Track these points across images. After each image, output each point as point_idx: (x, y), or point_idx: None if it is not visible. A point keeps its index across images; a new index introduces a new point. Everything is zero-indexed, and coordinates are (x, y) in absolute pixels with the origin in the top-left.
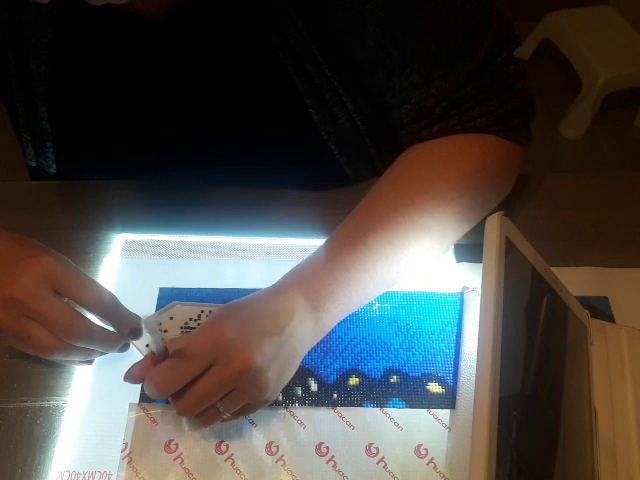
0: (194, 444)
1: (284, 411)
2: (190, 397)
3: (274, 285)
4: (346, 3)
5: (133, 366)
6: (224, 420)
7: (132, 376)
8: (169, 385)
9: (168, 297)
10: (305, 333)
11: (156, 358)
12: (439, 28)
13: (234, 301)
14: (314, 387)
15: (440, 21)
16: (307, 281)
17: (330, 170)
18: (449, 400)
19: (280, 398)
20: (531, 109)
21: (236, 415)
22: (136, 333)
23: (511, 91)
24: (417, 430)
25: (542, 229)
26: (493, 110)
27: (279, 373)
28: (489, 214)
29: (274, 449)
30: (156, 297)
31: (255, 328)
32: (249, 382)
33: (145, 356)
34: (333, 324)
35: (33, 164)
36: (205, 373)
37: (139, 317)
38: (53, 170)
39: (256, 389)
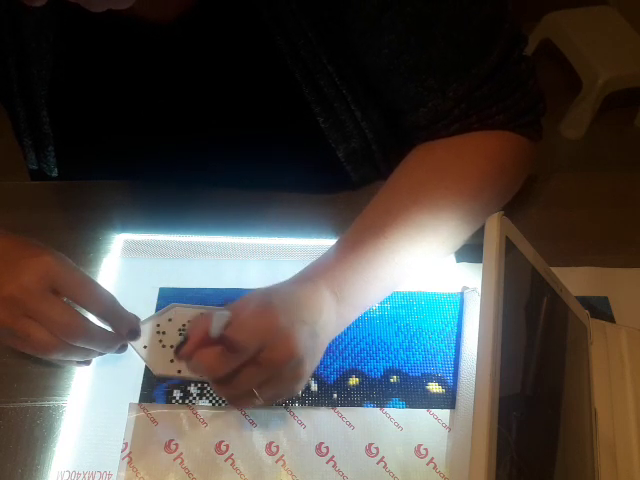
0: (194, 444)
1: (284, 411)
2: (234, 383)
3: (297, 276)
4: (364, 12)
5: (182, 344)
6: (255, 405)
7: (182, 353)
8: (219, 370)
9: (168, 297)
10: (331, 326)
11: (206, 339)
12: (455, 33)
13: (266, 288)
14: (314, 387)
15: (456, 27)
16: (330, 274)
17: (335, 174)
18: (449, 400)
19: None
20: (542, 105)
21: (268, 401)
22: (134, 334)
23: (524, 88)
24: (417, 430)
25: (542, 229)
26: (509, 108)
27: (311, 365)
28: None
29: (274, 449)
30: (156, 297)
31: (297, 317)
32: (288, 371)
33: (195, 334)
34: (354, 318)
35: (35, 168)
36: (251, 360)
37: (138, 318)
38: (55, 174)
39: (292, 378)
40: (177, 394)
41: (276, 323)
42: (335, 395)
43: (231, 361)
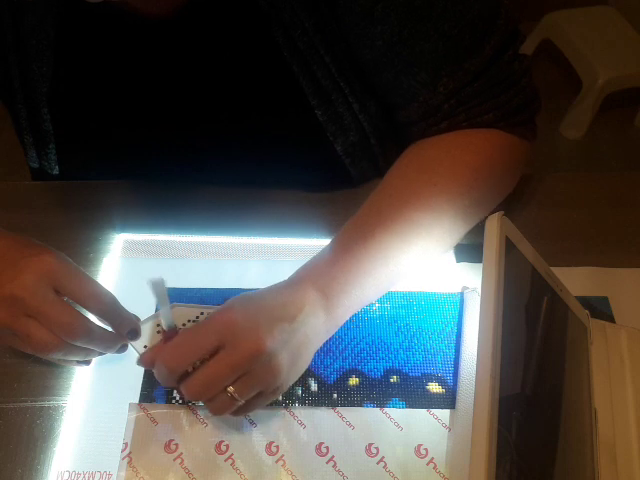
0: (194, 444)
1: (284, 411)
2: (199, 378)
3: (286, 280)
4: (357, 4)
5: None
6: (238, 411)
7: (143, 360)
8: (178, 362)
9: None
10: (317, 324)
11: (164, 340)
12: (447, 26)
13: (246, 292)
14: (314, 387)
15: (449, 20)
16: (318, 274)
17: (333, 171)
18: (449, 400)
19: (280, 398)
20: (537, 104)
21: (250, 405)
22: (134, 334)
23: (517, 87)
24: (417, 430)
25: (542, 229)
26: (500, 106)
27: (291, 361)
28: (489, 213)
29: (274, 449)
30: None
31: (264, 315)
32: (260, 366)
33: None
34: (346, 317)
35: (36, 166)
36: (214, 356)
37: (138, 318)
38: (56, 172)
39: (268, 374)
40: (177, 394)
41: (234, 319)
42: (335, 395)
43: (188, 353)
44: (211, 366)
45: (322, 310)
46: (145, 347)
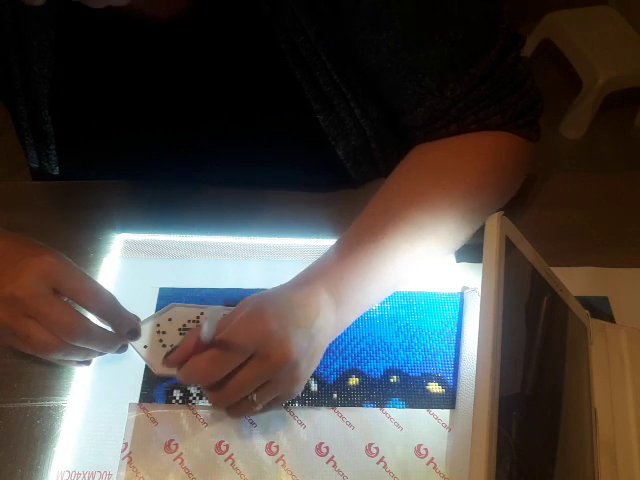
0: (194, 444)
1: (284, 411)
2: (228, 389)
3: (295, 278)
4: (362, 10)
5: (173, 350)
6: (254, 412)
7: (172, 361)
8: (211, 376)
9: (168, 297)
10: (329, 328)
11: (196, 345)
12: (452, 32)
13: (262, 293)
14: (314, 387)
15: (453, 26)
16: (329, 275)
17: (334, 173)
18: (449, 400)
19: None
20: (540, 105)
21: (266, 408)
22: (134, 334)
23: (521, 89)
24: (417, 430)
25: (542, 229)
26: (506, 108)
27: (308, 367)
28: None
29: (274, 449)
30: (156, 297)
31: (291, 320)
32: (285, 375)
33: (186, 341)
34: (352, 319)
35: (36, 166)
36: (244, 364)
37: (138, 318)
38: (56, 172)
39: (289, 382)
40: (177, 394)
41: (268, 327)
42: (335, 395)
43: (225, 365)
44: (240, 377)
45: (332, 314)
46: (145, 347)
